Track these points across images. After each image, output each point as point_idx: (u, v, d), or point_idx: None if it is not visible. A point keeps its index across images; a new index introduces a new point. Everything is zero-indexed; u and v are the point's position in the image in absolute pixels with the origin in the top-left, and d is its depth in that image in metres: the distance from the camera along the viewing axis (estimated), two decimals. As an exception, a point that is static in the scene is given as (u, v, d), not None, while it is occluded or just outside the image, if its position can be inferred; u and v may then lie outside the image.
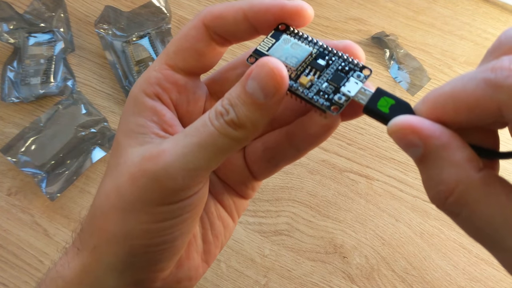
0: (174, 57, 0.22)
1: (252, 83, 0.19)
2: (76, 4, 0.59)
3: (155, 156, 0.20)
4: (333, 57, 0.20)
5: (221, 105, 0.20)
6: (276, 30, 0.21)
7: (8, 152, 0.47)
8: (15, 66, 0.53)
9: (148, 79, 0.22)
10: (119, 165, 0.21)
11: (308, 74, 0.20)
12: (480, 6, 0.63)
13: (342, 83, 0.20)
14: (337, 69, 0.20)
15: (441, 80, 0.57)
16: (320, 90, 0.20)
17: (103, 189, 0.22)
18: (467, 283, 0.45)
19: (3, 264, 0.44)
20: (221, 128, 0.19)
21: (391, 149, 0.52)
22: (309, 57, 0.21)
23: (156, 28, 0.56)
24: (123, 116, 0.22)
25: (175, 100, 0.23)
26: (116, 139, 0.22)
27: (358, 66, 0.20)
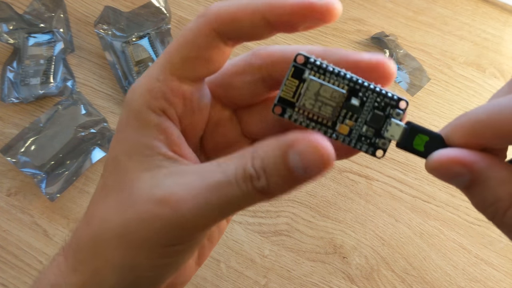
0: (181, 67, 0.20)
1: (295, 159, 0.17)
2: (75, 5, 0.59)
3: (169, 202, 0.19)
4: (366, 93, 0.19)
5: (252, 166, 0.18)
6: (295, 64, 0.19)
7: (8, 153, 0.47)
8: (15, 67, 0.53)
9: (152, 92, 0.20)
10: (124, 193, 0.20)
11: (344, 119, 0.19)
12: (479, 6, 0.63)
13: (383, 125, 0.19)
14: (373, 107, 0.19)
15: (441, 80, 0.57)
16: (361, 136, 0.19)
17: (104, 213, 0.21)
18: (466, 283, 0.45)
19: (3, 264, 0.44)
20: (247, 192, 0.18)
21: (391, 149, 0.52)
22: (342, 100, 0.19)
23: (156, 28, 0.56)
24: (122, 131, 0.21)
25: (180, 113, 0.21)
26: (115, 158, 0.20)
27: (394, 99, 0.19)
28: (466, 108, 0.55)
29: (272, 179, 0.18)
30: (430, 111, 0.55)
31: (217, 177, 0.18)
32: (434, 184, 0.50)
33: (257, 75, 0.21)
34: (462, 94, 0.56)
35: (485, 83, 0.57)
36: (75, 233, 0.22)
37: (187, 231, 0.19)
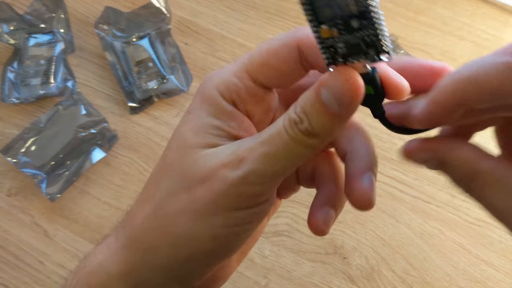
0: (258, 70, 0.21)
1: (326, 93, 0.19)
2: (76, 5, 0.59)
3: (234, 163, 0.20)
4: (369, 26, 0.18)
5: (295, 112, 0.19)
6: None
7: (8, 153, 0.47)
8: (15, 67, 0.53)
9: (227, 84, 0.21)
10: (187, 166, 0.21)
11: (335, 26, 0.18)
12: (479, 6, 0.63)
13: (354, 56, 0.19)
14: (362, 39, 0.18)
15: (441, 81, 0.57)
16: (332, 46, 0.19)
17: (167, 188, 0.21)
18: (467, 284, 0.45)
19: (3, 264, 0.44)
20: (296, 137, 0.19)
21: (391, 149, 0.52)
22: (347, 14, 0.18)
23: (156, 28, 0.56)
24: (193, 112, 0.22)
25: (249, 110, 0.22)
26: (181, 134, 0.22)
27: (381, 47, 0.18)
28: (466, 108, 0.55)
29: (312, 119, 0.19)
30: (430, 112, 0.55)
31: (269, 131, 0.20)
32: (434, 184, 0.50)
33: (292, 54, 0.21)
34: (462, 94, 0.56)
35: (485, 84, 0.57)
36: (129, 213, 0.23)
37: (253, 187, 0.20)
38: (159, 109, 0.53)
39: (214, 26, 0.59)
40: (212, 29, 0.59)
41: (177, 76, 0.54)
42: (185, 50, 0.57)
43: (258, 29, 0.59)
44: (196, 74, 0.55)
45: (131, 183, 0.48)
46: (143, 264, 0.21)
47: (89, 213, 0.47)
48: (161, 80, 0.53)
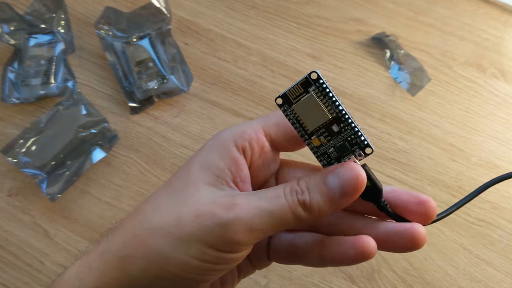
0: (272, 128, 0.25)
1: (333, 180, 0.22)
2: (76, 5, 0.59)
3: (228, 206, 0.21)
4: (346, 126, 0.23)
5: (298, 184, 0.22)
6: (308, 77, 0.23)
7: (9, 153, 0.47)
8: (16, 67, 0.53)
9: (243, 134, 0.24)
10: (185, 193, 0.23)
11: (321, 135, 0.23)
12: (480, 6, 0.63)
13: (345, 156, 0.24)
14: (346, 140, 0.23)
15: (442, 81, 0.57)
16: (325, 153, 0.24)
17: (160, 206, 0.23)
18: (467, 284, 0.45)
19: (4, 265, 0.44)
20: (292, 205, 0.22)
21: (391, 149, 0.52)
22: (326, 122, 0.23)
23: (157, 29, 0.56)
24: (206, 150, 0.24)
25: (253, 160, 0.25)
26: (190, 165, 0.24)
27: (363, 143, 0.23)
28: (466, 108, 0.55)
29: (313, 196, 0.22)
30: (430, 111, 0.55)
31: (269, 193, 0.22)
32: (435, 184, 0.50)
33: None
34: (462, 94, 0.56)
35: (485, 84, 0.57)
36: (119, 223, 0.24)
37: (236, 235, 0.21)
38: (160, 109, 0.53)
39: (215, 26, 0.59)
40: (213, 29, 0.59)
41: (177, 76, 0.54)
42: (186, 50, 0.57)
43: (259, 29, 0.59)
44: (197, 74, 0.55)
45: (132, 183, 0.48)
46: (115, 272, 0.22)
47: (90, 213, 0.47)
48: (161, 80, 0.53)
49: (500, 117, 0.55)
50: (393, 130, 0.53)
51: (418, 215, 0.25)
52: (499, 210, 0.49)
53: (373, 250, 0.24)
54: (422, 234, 0.24)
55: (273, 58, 0.57)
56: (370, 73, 0.57)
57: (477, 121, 0.55)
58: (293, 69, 0.57)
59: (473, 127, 0.54)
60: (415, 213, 0.24)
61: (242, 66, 0.56)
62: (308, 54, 0.58)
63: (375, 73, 0.57)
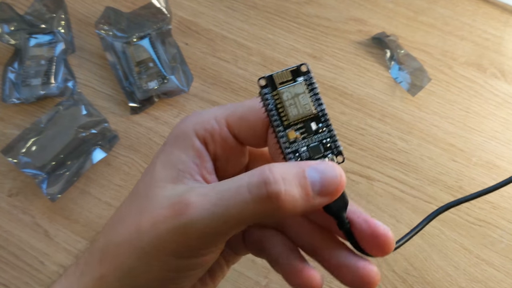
0: (236, 121, 0.23)
1: (314, 174, 0.20)
2: (76, 5, 0.59)
3: (183, 207, 0.19)
4: (324, 128, 0.22)
5: (270, 170, 0.19)
6: (298, 68, 0.22)
7: (9, 153, 0.47)
8: (16, 67, 0.53)
9: (204, 123, 0.22)
10: (147, 199, 0.21)
11: (297, 130, 0.22)
12: (480, 6, 0.63)
13: (317, 156, 0.22)
14: (321, 141, 0.22)
15: (442, 81, 0.57)
16: (296, 151, 0.22)
17: (125, 217, 0.21)
18: (467, 284, 0.45)
19: (4, 265, 0.44)
20: (258, 198, 0.18)
21: (392, 149, 0.52)
22: (308, 116, 0.22)
23: (157, 29, 0.56)
24: (166, 145, 0.22)
25: (217, 155, 0.23)
26: (153, 165, 0.22)
27: (337, 149, 0.22)
28: (467, 108, 0.55)
29: (289, 188, 0.19)
30: (431, 111, 0.55)
31: (229, 184, 0.19)
32: (435, 184, 0.50)
33: None
34: (463, 94, 0.56)
35: (486, 84, 0.57)
36: (95, 238, 0.23)
37: (194, 239, 0.19)
38: (160, 109, 0.53)
39: (215, 26, 0.59)
40: (213, 29, 0.59)
41: (177, 76, 0.54)
42: (186, 50, 0.57)
43: (259, 29, 0.59)
44: (197, 74, 0.55)
45: (132, 183, 0.48)
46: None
47: (90, 213, 0.47)
48: (161, 80, 0.53)
49: (500, 117, 0.55)
50: (393, 130, 0.53)
51: (374, 247, 0.22)
52: (499, 210, 0.49)
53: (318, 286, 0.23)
54: (373, 278, 0.21)
55: (273, 58, 0.57)
56: (370, 73, 0.57)
57: (477, 121, 0.55)
58: (293, 69, 0.56)
59: (473, 127, 0.54)
60: (371, 243, 0.22)
61: (242, 66, 0.56)
62: (308, 54, 0.58)
63: (375, 73, 0.57)
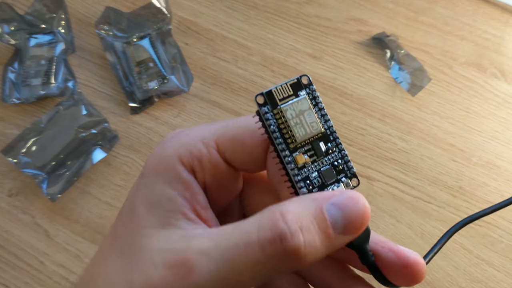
0: (228, 144, 0.19)
1: (335, 211, 0.16)
2: (76, 5, 0.59)
3: (185, 271, 0.16)
4: (334, 148, 0.19)
5: (283, 218, 0.15)
6: (299, 81, 0.19)
7: (9, 153, 0.47)
8: (16, 67, 0.53)
9: (190, 148, 0.19)
10: (133, 251, 0.18)
11: (305, 152, 0.19)
12: (480, 6, 0.63)
13: (330, 181, 0.19)
14: (332, 164, 0.19)
15: (442, 81, 0.57)
16: (308, 178, 0.19)
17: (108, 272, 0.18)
18: (468, 284, 0.45)
19: (4, 265, 0.44)
20: (274, 256, 0.15)
21: (392, 149, 0.52)
22: (315, 136, 0.19)
23: (157, 29, 0.56)
24: (146, 178, 0.19)
25: (207, 183, 0.20)
26: (133, 206, 0.19)
27: (351, 171, 0.20)
28: (467, 108, 0.55)
29: (309, 237, 0.15)
30: (431, 111, 0.55)
31: (235, 240, 0.16)
32: (435, 184, 0.50)
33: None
34: (463, 94, 0.56)
35: (486, 84, 0.57)
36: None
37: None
38: (160, 109, 0.53)
39: (215, 26, 0.59)
40: (213, 29, 0.59)
41: (177, 76, 0.54)
42: (186, 50, 0.57)
43: (259, 29, 0.59)
44: (197, 74, 0.55)
45: (132, 183, 0.48)
46: None
47: (90, 213, 0.47)
48: (161, 80, 0.53)
49: (500, 117, 0.55)
50: (393, 130, 0.53)
51: (404, 278, 0.19)
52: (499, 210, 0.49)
53: None
54: None
55: (274, 58, 0.57)
56: (370, 73, 0.57)
57: (477, 121, 0.55)
58: (294, 69, 0.57)
59: (474, 127, 0.54)
60: (401, 274, 0.19)
61: (243, 66, 0.56)
62: (308, 54, 0.58)
63: (375, 73, 0.57)
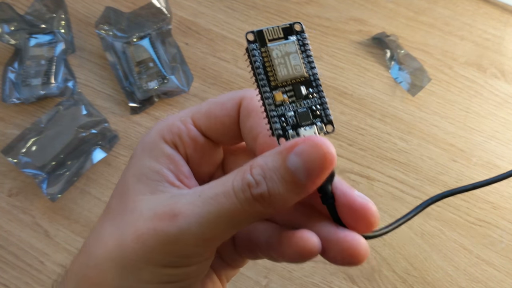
0: (202, 118, 0.21)
1: (296, 160, 0.17)
2: (76, 5, 0.59)
3: (168, 217, 0.18)
4: (315, 94, 0.20)
5: (251, 173, 0.18)
6: (291, 26, 0.20)
7: (9, 153, 0.47)
8: (16, 67, 0.53)
9: (170, 126, 0.21)
10: (124, 214, 0.20)
11: (285, 92, 0.20)
12: (480, 6, 0.63)
13: (304, 125, 0.20)
14: (310, 108, 0.20)
15: (442, 81, 0.57)
16: (283, 115, 0.20)
17: (101, 236, 0.20)
18: (468, 284, 0.45)
19: (4, 265, 0.44)
20: (246, 202, 0.18)
21: (392, 149, 0.52)
22: (298, 79, 0.20)
23: (157, 29, 0.56)
24: (135, 158, 0.21)
25: (190, 156, 0.22)
26: (124, 180, 0.21)
27: (327, 118, 0.20)
28: (467, 108, 0.55)
29: (273, 185, 0.17)
30: (431, 111, 0.55)
31: (215, 190, 0.18)
32: (435, 184, 0.50)
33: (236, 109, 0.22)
34: (463, 94, 0.56)
35: (486, 84, 0.57)
36: (69, 266, 0.22)
37: (186, 247, 0.18)
38: (160, 109, 0.53)
39: (215, 26, 0.59)
40: (213, 29, 0.59)
41: (177, 76, 0.54)
42: (186, 50, 0.57)
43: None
44: (197, 74, 0.55)
45: (132, 183, 0.48)
46: None
47: (90, 213, 0.47)
48: (161, 80, 0.53)
49: (500, 117, 0.55)
50: (394, 130, 0.53)
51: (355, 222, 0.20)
52: (499, 210, 0.49)
53: (316, 247, 0.19)
54: (361, 250, 0.19)
55: (274, 58, 0.57)
56: (370, 73, 0.57)
57: (477, 121, 0.55)
58: (294, 69, 0.56)
59: (474, 127, 0.54)
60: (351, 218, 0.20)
61: (243, 66, 0.56)
62: (309, 54, 0.58)
63: (375, 73, 0.57)
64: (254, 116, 0.21)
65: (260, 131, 0.21)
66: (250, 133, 0.21)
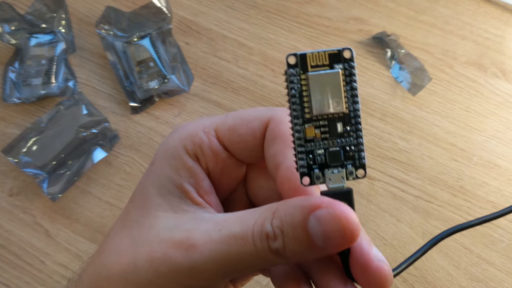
0: (226, 133, 0.21)
1: (315, 225, 0.17)
2: (77, 5, 0.59)
3: (185, 247, 0.18)
4: (352, 133, 0.18)
5: (271, 224, 0.17)
6: (340, 53, 0.18)
7: (10, 153, 0.47)
8: (17, 67, 0.53)
9: (193, 137, 0.21)
10: (142, 228, 0.20)
11: (319, 127, 0.18)
12: (481, 6, 0.63)
13: (334, 164, 0.18)
14: (343, 147, 0.18)
15: (442, 80, 0.57)
16: (312, 152, 0.18)
17: (116, 247, 0.20)
18: (468, 283, 0.45)
19: (5, 264, 0.44)
20: (262, 251, 0.17)
21: (392, 149, 0.52)
22: (336, 114, 0.18)
23: (157, 28, 0.56)
24: (155, 165, 0.21)
25: (210, 169, 0.21)
26: (144, 189, 0.21)
27: (360, 161, 0.18)
28: (467, 107, 0.55)
29: (288, 243, 0.17)
30: (431, 111, 0.55)
31: (234, 230, 0.18)
32: (436, 184, 0.50)
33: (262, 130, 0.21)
34: (463, 93, 0.56)
35: (486, 83, 0.57)
36: (85, 265, 0.22)
37: (198, 281, 0.18)
38: (160, 109, 0.53)
39: (215, 26, 0.59)
40: (213, 28, 0.59)
41: (178, 76, 0.54)
42: (186, 49, 0.57)
43: (259, 28, 0.59)
44: (197, 73, 0.55)
45: (133, 183, 0.48)
46: None
47: (91, 213, 0.47)
48: (162, 79, 0.53)
49: (501, 116, 0.55)
50: (394, 130, 0.53)
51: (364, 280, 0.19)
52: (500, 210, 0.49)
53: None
54: None
55: (274, 58, 0.57)
56: (371, 73, 0.57)
57: (478, 120, 0.55)
58: (294, 69, 0.56)
59: (474, 127, 0.54)
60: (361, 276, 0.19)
61: (243, 65, 0.56)
62: (309, 54, 0.58)
63: (376, 72, 0.57)
64: (279, 142, 0.20)
65: (283, 161, 0.20)
66: (273, 159, 0.20)
